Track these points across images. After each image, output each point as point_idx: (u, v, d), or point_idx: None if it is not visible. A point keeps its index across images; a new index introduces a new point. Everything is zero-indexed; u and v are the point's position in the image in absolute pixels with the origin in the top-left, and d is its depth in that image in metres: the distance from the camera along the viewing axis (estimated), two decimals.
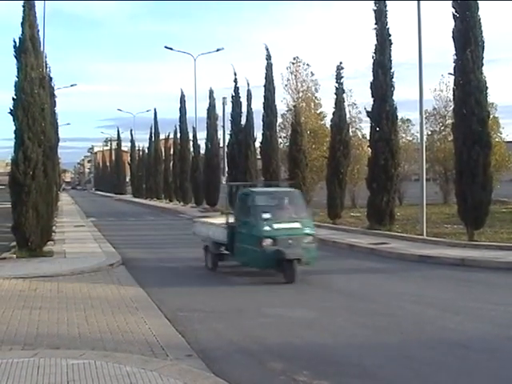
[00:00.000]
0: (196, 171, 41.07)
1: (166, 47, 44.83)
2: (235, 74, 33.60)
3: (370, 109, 20.35)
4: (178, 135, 48.31)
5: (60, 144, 32.75)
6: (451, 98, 19.19)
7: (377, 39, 19.87)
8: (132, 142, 72.32)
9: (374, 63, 19.92)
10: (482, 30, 16.34)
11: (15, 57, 15.48)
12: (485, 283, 11.66)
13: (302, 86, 34.82)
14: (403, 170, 28.19)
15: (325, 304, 9.84)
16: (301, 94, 34.75)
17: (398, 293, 10.81)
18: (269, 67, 29.86)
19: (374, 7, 19.87)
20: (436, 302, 9.88)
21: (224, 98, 59.46)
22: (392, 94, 19.88)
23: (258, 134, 31.11)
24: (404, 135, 33.80)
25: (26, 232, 15.12)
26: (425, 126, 20.67)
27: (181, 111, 46.26)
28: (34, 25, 16.07)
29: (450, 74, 20.54)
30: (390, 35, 19.84)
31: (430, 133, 33.97)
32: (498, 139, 30.23)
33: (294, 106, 31.43)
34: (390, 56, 19.91)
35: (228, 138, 35.60)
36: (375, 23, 19.88)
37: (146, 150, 63.94)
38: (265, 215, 12.14)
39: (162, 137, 58.60)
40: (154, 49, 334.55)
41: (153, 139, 59.72)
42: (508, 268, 12.79)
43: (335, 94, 24.60)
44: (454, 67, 16.80)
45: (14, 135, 15.38)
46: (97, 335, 7.74)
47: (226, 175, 35.95)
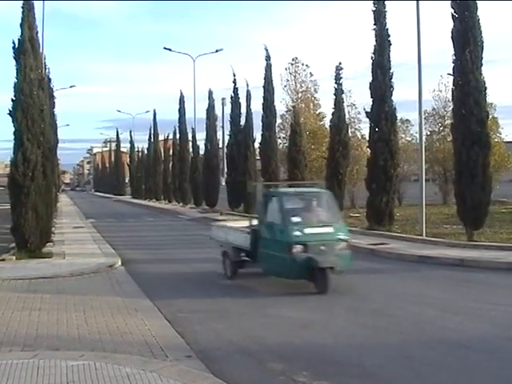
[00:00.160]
0: (195, 172, 41.04)
1: (164, 48, 44.94)
2: (234, 75, 33.75)
3: (369, 109, 20.35)
4: (178, 136, 48.35)
5: (59, 145, 32.88)
6: (450, 98, 19.19)
7: (376, 40, 19.86)
8: (131, 142, 72.42)
9: (373, 64, 19.92)
10: (481, 31, 16.34)
11: (14, 58, 15.48)
12: (484, 283, 11.65)
13: (301, 87, 34.92)
14: (402, 171, 28.18)
15: (324, 304, 9.82)
16: (300, 95, 34.83)
17: (398, 293, 10.81)
18: (268, 68, 29.90)
19: (373, 8, 19.86)
20: (436, 302, 9.88)
21: (223, 99, 59.73)
22: (391, 95, 19.88)
23: (258, 135, 31.23)
24: (403, 136, 33.83)
25: (25, 233, 15.13)
26: (424, 126, 20.65)
27: (180, 112, 46.27)
28: (33, 26, 16.09)
29: (449, 74, 20.65)
30: (389, 36, 19.84)
31: (429, 133, 33.99)
32: (497, 139, 30.26)
33: (293, 107, 31.49)
34: (389, 56, 19.91)
35: (227, 138, 35.74)
36: (374, 24, 19.88)
37: (146, 151, 64.03)
38: (294, 219, 11.06)
39: (161, 138, 58.64)
40: (153, 49, 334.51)
41: (152, 140, 59.76)
42: (508, 268, 12.79)
43: (334, 94, 24.66)
44: (453, 67, 16.81)
45: (13, 136, 15.41)
46: (96, 336, 7.73)
47: (226, 176, 35.96)
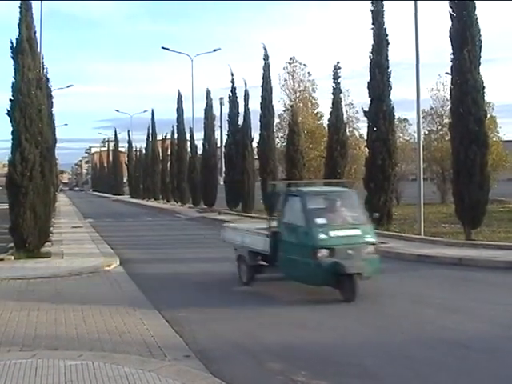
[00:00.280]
0: (193, 171, 41.01)
1: (162, 48, 44.83)
2: (232, 75, 33.75)
3: (367, 109, 20.33)
4: (176, 135, 48.33)
5: (57, 145, 32.86)
6: (448, 97, 19.24)
7: (374, 39, 19.85)
8: (129, 142, 72.38)
9: (371, 63, 19.91)
10: (479, 30, 16.34)
11: (12, 58, 15.45)
12: (483, 282, 11.66)
13: (299, 86, 34.91)
14: (400, 170, 28.23)
15: (323, 304, 9.81)
16: (298, 94, 34.82)
17: (397, 292, 10.79)
18: (266, 67, 29.90)
19: (371, 7, 19.83)
20: (435, 301, 9.87)
21: (221, 99, 59.67)
22: (389, 94, 19.87)
23: (256, 134, 31.18)
24: (401, 135, 33.92)
25: (23, 233, 15.10)
26: (422, 125, 20.71)
27: (178, 112, 46.21)
28: (31, 26, 16.03)
29: (447, 73, 20.70)
30: (387, 35, 19.82)
31: (427, 132, 34.07)
32: (495, 138, 30.35)
33: (291, 106, 31.48)
34: (387, 56, 19.89)
35: (225, 138, 35.66)
36: (372, 23, 19.85)
37: (144, 151, 63.95)
38: (319, 220, 10.26)
39: (159, 137, 58.52)
40: (151, 49, 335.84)
41: (150, 140, 59.71)
42: (506, 267, 12.80)
43: (332, 93, 24.65)
44: (451, 67, 16.82)
45: (11, 136, 15.38)
46: (95, 336, 7.72)
47: (224, 175, 35.95)
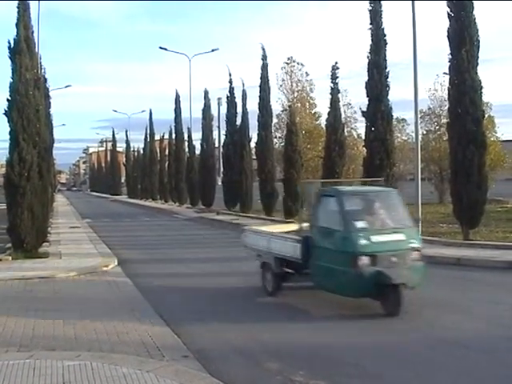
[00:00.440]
0: (191, 172, 40.99)
1: (160, 47, 44.71)
2: (230, 75, 33.72)
3: (365, 109, 20.33)
4: (173, 136, 48.29)
5: (55, 145, 32.64)
6: (446, 97, 19.22)
7: (372, 39, 19.84)
8: (127, 142, 72.22)
9: (369, 63, 19.90)
10: (477, 30, 16.36)
11: (10, 58, 15.44)
12: (481, 282, 11.66)
13: (297, 86, 34.93)
14: (398, 170, 28.14)
15: (322, 304, 9.81)
16: (296, 94, 34.83)
17: None
18: (264, 67, 29.87)
19: (369, 7, 19.83)
20: (434, 301, 9.85)
21: (219, 99, 59.75)
22: (387, 94, 19.86)
23: (254, 135, 31.13)
24: (399, 135, 33.90)
25: (21, 233, 15.08)
26: (420, 125, 20.70)
27: (176, 112, 46.18)
28: (29, 26, 16.02)
29: (444, 73, 20.72)
30: (385, 35, 19.82)
31: (425, 132, 34.08)
32: (493, 138, 30.37)
33: (289, 106, 31.45)
34: (385, 56, 19.89)
35: (223, 138, 35.63)
36: (370, 23, 19.85)
37: (141, 151, 63.87)
38: (359, 224, 9.23)
39: (157, 137, 58.48)
40: (150, 49, 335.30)
41: (148, 140, 59.67)
42: (504, 267, 12.82)
43: (330, 94, 24.62)
44: (449, 67, 16.83)
45: (8, 136, 15.38)
46: (93, 336, 7.71)
47: (222, 175, 35.94)
